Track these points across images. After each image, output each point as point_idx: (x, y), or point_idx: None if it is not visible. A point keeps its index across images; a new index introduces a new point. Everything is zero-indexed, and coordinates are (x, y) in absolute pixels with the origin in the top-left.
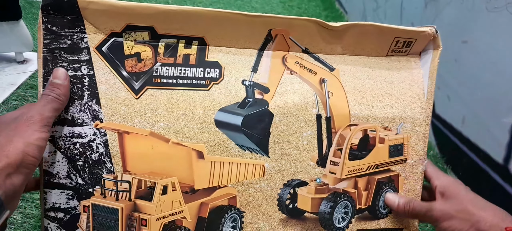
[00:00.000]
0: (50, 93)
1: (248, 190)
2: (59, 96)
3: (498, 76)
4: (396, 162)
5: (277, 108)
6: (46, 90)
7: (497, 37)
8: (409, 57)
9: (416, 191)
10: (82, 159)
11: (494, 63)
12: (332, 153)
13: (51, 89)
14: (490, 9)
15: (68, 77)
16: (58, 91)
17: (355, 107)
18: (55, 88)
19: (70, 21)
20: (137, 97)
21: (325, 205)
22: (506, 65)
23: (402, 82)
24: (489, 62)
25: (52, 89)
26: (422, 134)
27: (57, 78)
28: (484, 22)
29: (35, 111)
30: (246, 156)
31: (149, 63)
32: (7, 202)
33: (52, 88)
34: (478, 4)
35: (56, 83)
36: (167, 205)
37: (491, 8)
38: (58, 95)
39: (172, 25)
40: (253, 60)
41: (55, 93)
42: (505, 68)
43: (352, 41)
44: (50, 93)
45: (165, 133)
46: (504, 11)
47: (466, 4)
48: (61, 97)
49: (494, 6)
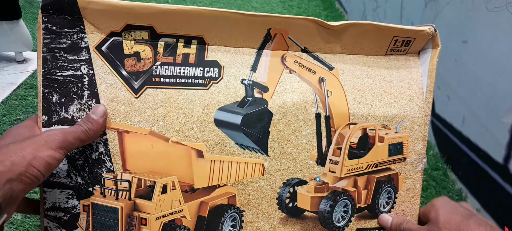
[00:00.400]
0: (82, 125)
1: (247, 189)
2: (89, 131)
3: (498, 76)
4: (396, 160)
5: (277, 107)
6: (81, 120)
7: (497, 37)
8: (408, 56)
9: (416, 189)
10: (82, 158)
11: (494, 63)
12: (331, 152)
13: (85, 122)
14: (490, 9)
15: (105, 116)
16: (90, 126)
17: (354, 106)
18: (88, 122)
19: (70, 20)
20: (137, 97)
21: (324, 204)
22: (506, 65)
23: (401, 81)
24: (489, 62)
25: (86, 122)
26: (421, 133)
27: (95, 114)
28: (484, 22)
29: (60, 132)
30: (245, 155)
31: (148, 63)
32: (5, 206)
33: (86, 121)
34: (478, 4)
35: (92, 118)
36: (167, 204)
37: (491, 8)
38: (88, 129)
39: (172, 24)
40: (252, 60)
41: (87, 127)
42: (505, 68)
43: (351, 41)
44: (82, 125)
45: (164, 132)
46: (504, 11)
47: (466, 4)
48: (90, 132)
49: (494, 6)
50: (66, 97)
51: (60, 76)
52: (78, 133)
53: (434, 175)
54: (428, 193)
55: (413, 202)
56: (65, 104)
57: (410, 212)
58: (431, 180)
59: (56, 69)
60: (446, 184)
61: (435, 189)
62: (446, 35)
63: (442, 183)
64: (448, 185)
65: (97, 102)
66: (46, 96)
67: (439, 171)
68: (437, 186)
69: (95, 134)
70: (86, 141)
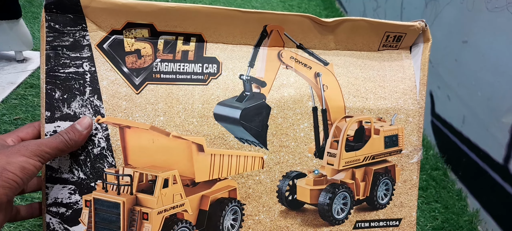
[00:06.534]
0: (63, 135)
1: (248, 182)
2: (70, 141)
3: (498, 76)
4: (392, 152)
5: (274, 101)
6: (64, 129)
7: (497, 37)
8: (400, 51)
9: (413, 181)
10: (84, 153)
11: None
12: (329, 145)
13: (67, 132)
14: (490, 9)
15: (90, 129)
16: (72, 135)
17: (349, 99)
18: (71, 132)
19: (72, 19)
20: (138, 93)
21: (324, 196)
22: (506, 65)
23: (394, 75)
24: (489, 62)
25: (68, 132)
26: (416, 125)
27: (80, 125)
28: (484, 22)
29: (34, 142)
30: (245, 148)
31: (149, 60)
32: None
33: (69, 131)
34: (478, 4)
35: (76, 128)
36: (169, 198)
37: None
38: (69, 139)
39: (171, 22)
40: (250, 56)
41: (68, 137)
42: (505, 68)
43: (344, 36)
44: (63, 135)
45: (165, 126)
46: (504, 11)
47: (466, 4)
48: (71, 142)
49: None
50: (68, 93)
51: (62, 73)
52: (56, 143)
53: (434, 175)
54: (428, 193)
55: (411, 194)
56: (67, 100)
57: (408, 204)
58: (431, 180)
59: (59, 67)
60: (446, 184)
61: (435, 189)
62: (446, 35)
63: (442, 183)
64: (448, 185)
65: (99, 98)
66: (49, 93)
67: (439, 171)
68: (437, 186)
69: (76, 144)
70: (65, 151)
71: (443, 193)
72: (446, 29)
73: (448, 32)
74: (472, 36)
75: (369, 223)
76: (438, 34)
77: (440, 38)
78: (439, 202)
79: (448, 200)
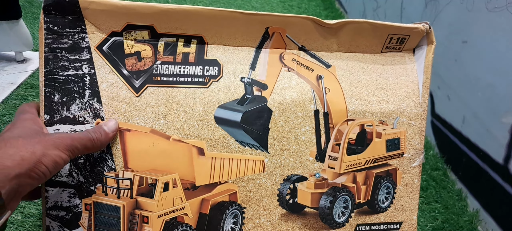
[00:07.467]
0: (92, 133)
1: (248, 185)
2: (96, 141)
3: (498, 76)
4: (394, 156)
5: (276, 104)
6: (92, 128)
7: (497, 37)
8: (404, 53)
9: (414, 184)
10: (84, 157)
11: (494, 63)
12: (330, 148)
13: (95, 131)
14: (490, 9)
15: (116, 132)
16: (99, 136)
17: (351, 102)
18: (98, 132)
19: (71, 21)
20: (138, 95)
21: (324, 199)
22: (506, 65)
23: (397, 78)
24: (489, 62)
25: (96, 131)
26: (418, 128)
27: (107, 127)
28: (484, 22)
29: (68, 136)
30: (246, 152)
31: (149, 62)
32: (8, 201)
33: (97, 130)
34: (478, 4)
35: (103, 129)
36: (169, 202)
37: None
38: (96, 138)
39: (171, 24)
40: (251, 58)
41: (95, 136)
42: (505, 68)
43: (347, 39)
44: (92, 134)
45: (165, 130)
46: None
47: (466, 4)
48: (97, 142)
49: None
50: (67, 96)
51: (61, 76)
52: (85, 141)
53: (434, 175)
54: (428, 193)
55: (412, 197)
56: (66, 103)
57: (409, 207)
58: (431, 180)
59: (58, 69)
60: (446, 184)
61: (435, 189)
62: (446, 35)
63: (442, 183)
64: (448, 185)
65: (99, 101)
66: (48, 96)
67: (439, 171)
68: (437, 186)
69: (101, 145)
70: (91, 149)
71: (443, 193)
72: (446, 29)
73: (448, 32)
74: (472, 36)
75: (369, 227)
76: (438, 34)
77: (440, 38)
78: (439, 202)
79: (448, 200)
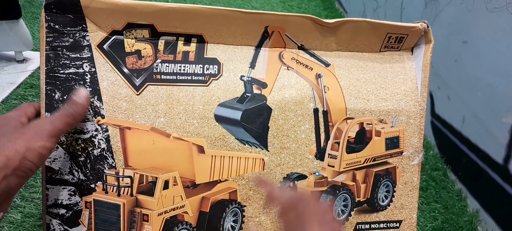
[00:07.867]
0: (68, 109)
1: (248, 183)
2: (75, 113)
3: (498, 76)
4: (393, 154)
5: (275, 102)
6: (65, 105)
7: (497, 37)
8: (402, 52)
9: (414, 183)
10: (84, 155)
11: (494, 64)
12: (330, 146)
13: (70, 106)
14: (490, 9)
15: (89, 99)
16: (75, 108)
17: (350, 101)
18: (73, 106)
19: (72, 19)
20: (138, 94)
21: (324, 198)
22: (506, 65)
23: (395, 77)
24: (489, 63)
25: (71, 105)
26: (417, 127)
27: (78, 97)
28: (484, 22)
29: (47, 121)
30: (246, 150)
31: (149, 60)
32: (1, 203)
33: (71, 104)
34: (478, 4)
35: (76, 101)
36: (169, 200)
37: (491, 8)
38: (74, 112)
39: (172, 23)
40: (251, 57)
41: (73, 110)
42: (505, 69)
43: (346, 38)
44: (69, 109)
45: (165, 128)
46: (504, 11)
47: (466, 4)
48: (76, 115)
49: (494, 6)
50: (68, 94)
51: (62, 74)
52: (65, 117)
53: (434, 175)
54: (428, 193)
55: (412, 196)
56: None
57: (409, 206)
58: (431, 180)
59: (58, 67)
60: (446, 184)
61: (435, 189)
62: (446, 35)
63: (442, 183)
64: (448, 185)
65: (99, 100)
66: (49, 94)
67: (439, 171)
68: (437, 186)
69: (80, 117)
70: (73, 124)
71: (443, 193)
72: (446, 29)
73: (448, 32)
74: (472, 36)
75: (369, 225)
76: (438, 34)
77: (440, 38)
78: (439, 202)
79: (448, 200)
